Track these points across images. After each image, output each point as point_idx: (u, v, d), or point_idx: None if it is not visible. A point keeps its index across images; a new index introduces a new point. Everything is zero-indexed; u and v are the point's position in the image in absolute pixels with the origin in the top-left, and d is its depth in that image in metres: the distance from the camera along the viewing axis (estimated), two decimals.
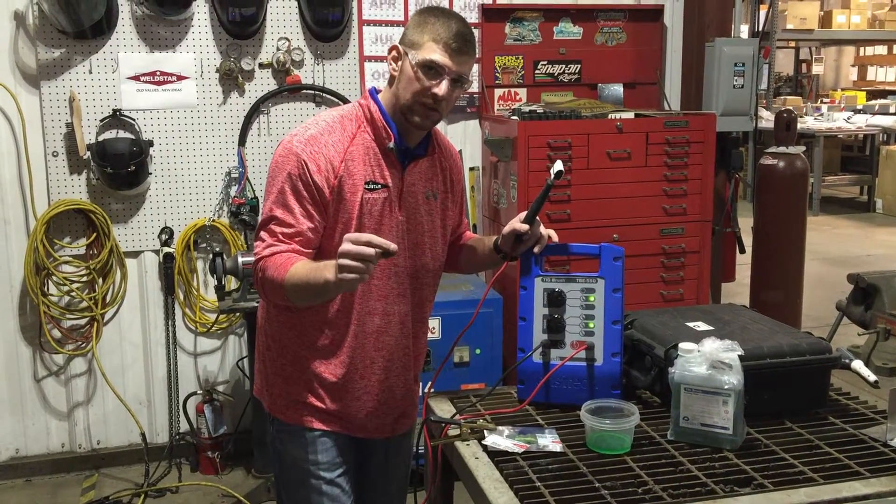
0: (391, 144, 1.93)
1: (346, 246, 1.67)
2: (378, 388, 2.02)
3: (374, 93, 1.99)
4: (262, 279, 1.87)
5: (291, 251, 1.86)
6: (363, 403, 2.02)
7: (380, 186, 1.93)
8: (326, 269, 1.74)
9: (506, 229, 2.05)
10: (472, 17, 3.97)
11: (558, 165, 1.99)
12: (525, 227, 2.01)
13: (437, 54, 1.87)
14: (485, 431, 1.87)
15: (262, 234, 1.90)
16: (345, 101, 3.76)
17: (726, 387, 1.76)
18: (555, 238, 2.04)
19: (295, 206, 1.86)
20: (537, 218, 2.03)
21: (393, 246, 1.68)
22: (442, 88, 1.88)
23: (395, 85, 1.94)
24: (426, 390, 2.10)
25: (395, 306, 2.00)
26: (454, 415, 1.99)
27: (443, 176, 2.09)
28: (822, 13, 11.05)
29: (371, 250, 1.65)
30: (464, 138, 4.06)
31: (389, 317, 2.00)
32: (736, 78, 4.02)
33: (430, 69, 1.88)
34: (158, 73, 3.63)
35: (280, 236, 1.87)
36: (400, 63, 1.93)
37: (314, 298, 1.87)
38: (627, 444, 1.80)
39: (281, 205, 1.87)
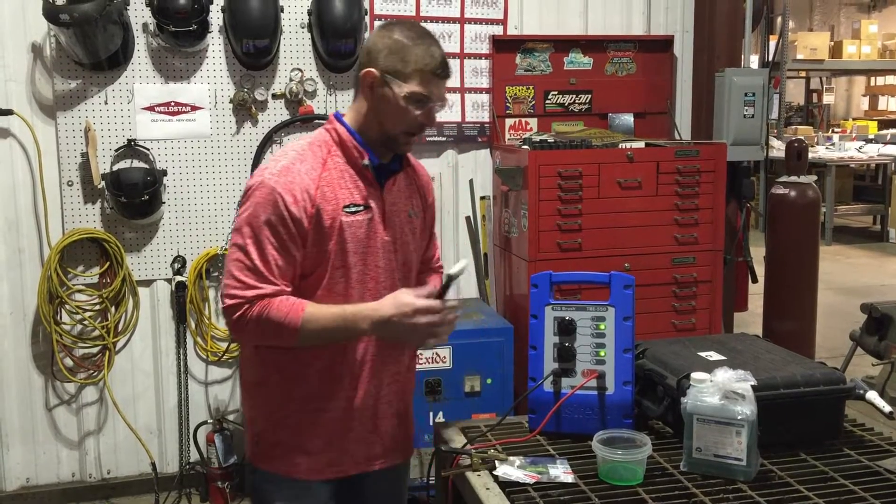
0: (366, 161, 1.91)
1: (404, 319, 1.78)
2: (370, 416, 1.99)
3: (339, 116, 1.96)
4: (259, 320, 1.81)
5: (282, 292, 1.83)
6: (356, 434, 1.98)
7: (362, 208, 1.90)
8: (360, 320, 1.80)
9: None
10: (484, 48, 4.01)
11: (462, 264, 1.80)
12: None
13: (426, 86, 1.86)
14: (496, 462, 1.86)
15: (238, 274, 1.82)
16: None
17: (739, 417, 1.74)
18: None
19: (273, 244, 1.82)
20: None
21: (454, 303, 1.82)
22: (432, 118, 1.90)
23: (374, 112, 1.90)
24: (435, 420, 2.10)
25: None
26: (465, 445, 1.98)
27: (419, 194, 2.09)
28: (832, 43, 11.10)
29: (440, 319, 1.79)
30: (475, 167, 4.08)
31: (381, 340, 1.96)
32: (746, 108, 4.04)
33: (417, 100, 1.86)
34: (173, 103, 3.67)
35: (265, 274, 1.81)
36: (378, 91, 1.88)
37: (331, 342, 1.89)
38: (640, 475, 1.78)
39: (256, 242, 1.82)
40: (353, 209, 1.89)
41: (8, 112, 3.48)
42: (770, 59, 5.25)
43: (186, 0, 3.46)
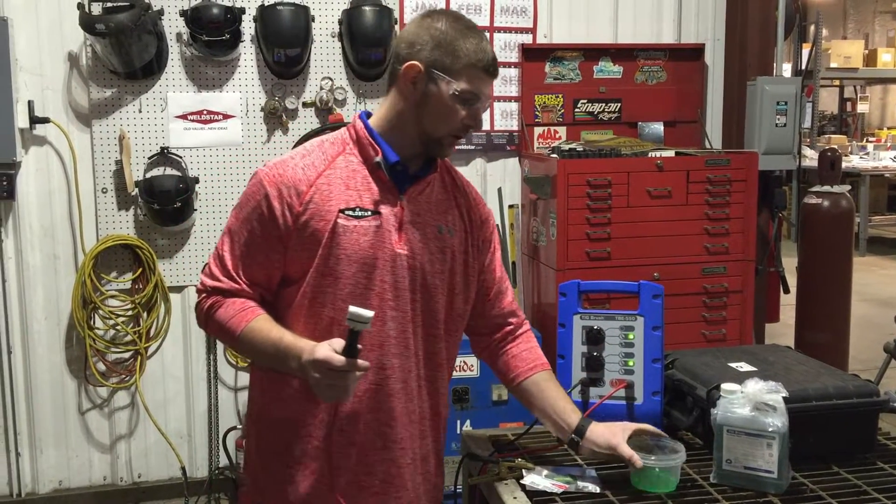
0: (378, 158, 1.70)
1: (316, 372, 1.53)
2: (379, 461, 1.75)
3: (363, 114, 1.78)
4: (208, 314, 1.72)
5: (241, 292, 1.71)
6: (361, 482, 1.74)
7: (369, 213, 1.69)
8: (291, 357, 1.59)
9: (604, 442, 1.75)
10: (513, 56, 4.01)
11: (368, 312, 1.51)
12: (631, 456, 1.69)
13: (476, 84, 1.68)
14: (523, 471, 1.85)
15: (210, 262, 1.75)
16: None
17: (770, 429, 1.72)
18: (637, 463, 1.70)
19: (246, 239, 1.70)
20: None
21: (364, 364, 1.53)
22: (480, 118, 1.72)
23: (415, 110, 1.70)
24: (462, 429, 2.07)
25: (394, 360, 1.72)
26: (492, 453, 1.97)
27: (459, 213, 1.83)
28: (866, 52, 10.97)
29: (343, 381, 1.52)
30: (503, 176, 4.08)
31: (386, 371, 1.72)
32: (778, 116, 4.00)
33: (468, 100, 1.68)
34: (205, 111, 3.72)
35: (228, 268, 1.71)
36: (420, 86, 1.68)
37: (267, 365, 1.73)
38: (673, 484, 1.75)
39: (232, 234, 1.72)
40: (357, 213, 1.68)
41: (45, 120, 3.55)
42: (803, 67, 5.19)
43: (219, 10, 3.51)
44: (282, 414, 1.74)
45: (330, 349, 1.53)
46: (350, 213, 1.68)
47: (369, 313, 1.49)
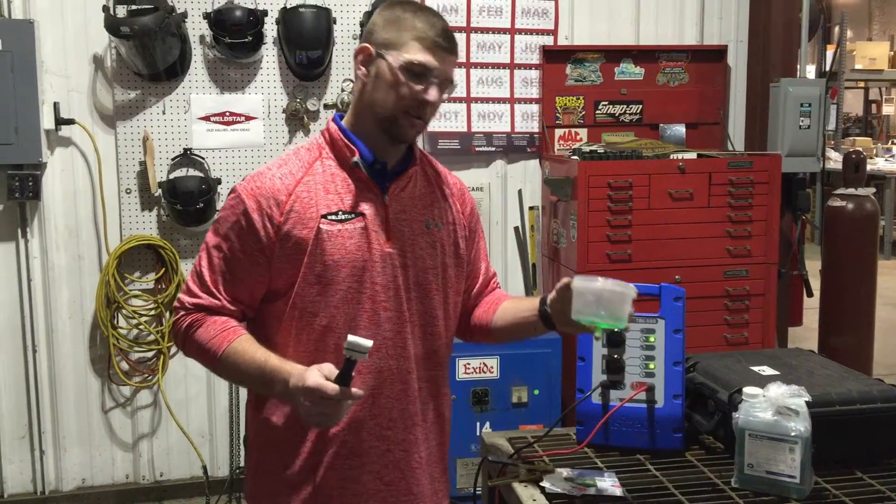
0: (356, 158, 1.66)
1: (307, 399, 1.49)
2: (382, 467, 1.72)
3: (337, 117, 1.73)
4: (187, 333, 1.67)
5: (222, 308, 1.67)
6: (365, 489, 1.71)
7: (352, 215, 1.65)
8: (276, 381, 1.55)
9: (559, 284, 1.68)
10: (534, 58, 4.01)
11: (367, 342, 1.48)
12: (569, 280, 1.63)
13: (424, 54, 1.61)
14: (543, 473, 1.85)
15: (189, 279, 1.70)
16: None
17: (793, 434, 1.71)
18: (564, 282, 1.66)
19: (226, 255, 1.66)
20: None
21: (358, 393, 1.49)
22: (432, 94, 1.63)
23: (369, 93, 1.66)
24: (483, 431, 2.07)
25: (391, 362, 1.69)
26: (512, 455, 1.97)
27: (445, 204, 1.79)
28: (892, 53, 10.83)
29: (333, 409, 1.49)
30: (524, 178, 4.08)
31: (384, 375, 1.69)
32: (802, 118, 3.96)
33: (416, 73, 1.61)
34: (228, 113, 3.75)
35: (208, 284, 1.67)
36: (372, 67, 1.64)
37: (250, 388, 1.73)
38: (615, 319, 1.62)
39: (210, 250, 1.69)
40: (340, 217, 1.64)
41: (70, 122, 3.59)
42: (827, 69, 5.14)
43: (242, 12, 3.54)
44: (281, 429, 1.70)
45: (321, 376, 1.49)
46: (333, 217, 1.64)
47: (368, 343, 1.46)
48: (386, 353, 1.67)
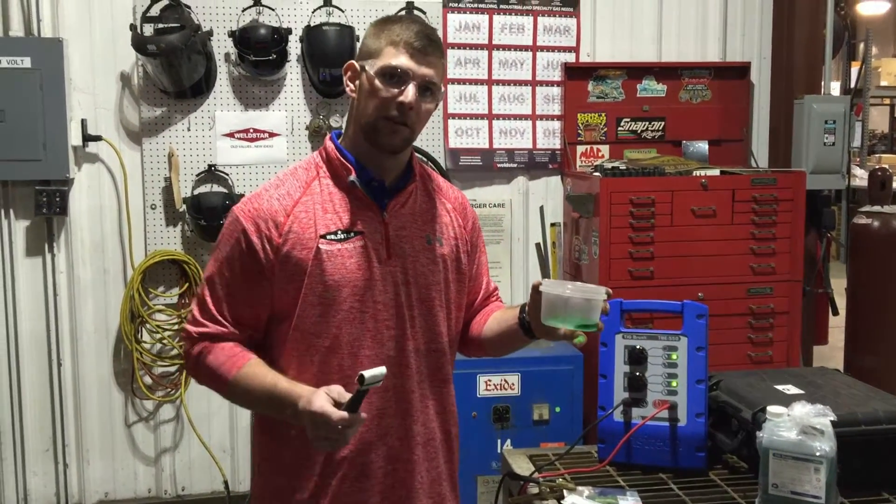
0: (352, 177, 1.66)
1: (312, 423, 1.49)
2: (389, 486, 1.71)
3: (334, 135, 1.74)
4: (197, 361, 1.67)
5: (228, 335, 1.67)
6: (368, 497, 1.70)
7: (351, 234, 1.64)
8: (287, 404, 1.54)
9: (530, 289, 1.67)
10: (555, 75, 4.02)
11: (378, 371, 1.49)
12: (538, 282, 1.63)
13: (397, 58, 1.61)
14: (564, 491, 1.84)
15: (193, 307, 1.70)
16: (427, 157, 3.83)
17: (818, 453, 1.69)
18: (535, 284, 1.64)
19: (227, 280, 1.65)
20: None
21: (363, 417, 1.50)
22: (408, 95, 1.60)
23: (356, 107, 1.68)
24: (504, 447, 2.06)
25: (395, 381, 1.68)
26: (533, 473, 1.96)
27: (447, 218, 1.78)
28: None
29: (340, 434, 1.48)
30: (545, 194, 4.08)
31: (389, 394, 1.68)
32: (826, 135, 3.94)
33: (392, 76, 1.61)
34: (252, 130, 3.78)
35: (212, 312, 1.66)
36: (358, 81, 1.68)
37: (261, 412, 1.72)
38: (587, 319, 1.61)
39: (212, 277, 1.68)
40: (339, 236, 1.64)
41: (97, 138, 3.64)
42: (852, 85, 5.11)
43: (267, 31, 3.58)
44: (287, 453, 1.70)
45: (328, 400, 1.49)
46: (332, 237, 1.63)
47: (382, 371, 1.46)
48: (390, 371, 1.62)
